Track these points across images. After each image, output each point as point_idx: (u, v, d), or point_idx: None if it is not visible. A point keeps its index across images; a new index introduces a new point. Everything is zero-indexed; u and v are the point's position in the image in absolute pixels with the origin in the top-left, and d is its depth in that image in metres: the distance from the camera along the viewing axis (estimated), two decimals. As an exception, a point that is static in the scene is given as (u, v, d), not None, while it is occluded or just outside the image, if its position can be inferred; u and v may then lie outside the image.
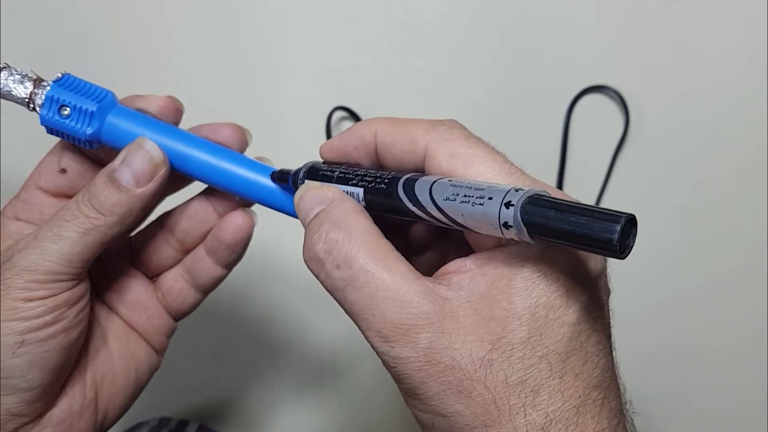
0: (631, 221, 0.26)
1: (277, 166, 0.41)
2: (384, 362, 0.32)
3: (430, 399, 0.31)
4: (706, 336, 0.70)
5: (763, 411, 0.70)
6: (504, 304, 0.30)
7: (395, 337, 0.30)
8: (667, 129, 0.68)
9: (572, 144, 0.68)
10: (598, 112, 0.68)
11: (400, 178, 0.33)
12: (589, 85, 0.67)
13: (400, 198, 0.33)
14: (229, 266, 0.44)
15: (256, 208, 0.43)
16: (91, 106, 0.38)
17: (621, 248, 0.26)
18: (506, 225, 0.28)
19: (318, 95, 0.67)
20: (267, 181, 0.40)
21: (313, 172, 0.37)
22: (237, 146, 0.42)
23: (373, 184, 0.34)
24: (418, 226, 0.40)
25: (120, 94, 0.41)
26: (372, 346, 0.32)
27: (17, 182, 0.43)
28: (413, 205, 0.32)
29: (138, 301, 0.44)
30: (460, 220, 0.30)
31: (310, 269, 0.34)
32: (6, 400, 0.37)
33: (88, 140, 0.39)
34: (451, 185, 0.30)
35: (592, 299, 0.31)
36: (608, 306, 0.34)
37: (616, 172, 0.68)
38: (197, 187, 0.43)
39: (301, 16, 0.66)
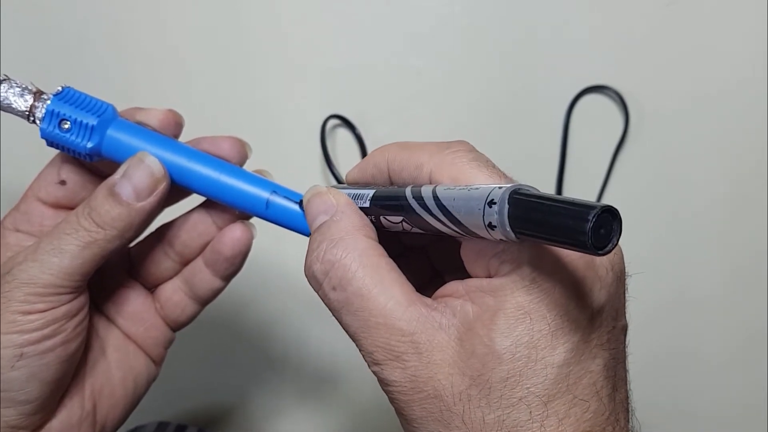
0: (609, 213, 0.23)
1: (273, 176, 0.42)
2: (377, 380, 0.32)
3: (413, 421, 0.31)
4: (705, 337, 0.70)
5: (764, 413, 0.70)
6: (485, 340, 0.29)
7: (385, 361, 0.31)
8: (667, 129, 0.68)
9: (572, 144, 0.68)
10: (598, 112, 0.68)
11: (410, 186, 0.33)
12: (589, 85, 0.67)
13: (405, 197, 0.32)
14: (227, 278, 0.44)
15: (255, 220, 0.43)
16: (92, 120, 0.38)
17: (597, 244, 0.23)
18: (491, 225, 0.27)
19: (317, 96, 0.66)
20: (265, 195, 0.40)
21: None
22: (236, 159, 0.42)
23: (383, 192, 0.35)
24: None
25: (118, 95, 0.41)
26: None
27: (17, 193, 0.43)
28: (416, 202, 0.32)
29: (136, 312, 0.44)
30: (459, 217, 0.29)
31: (310, 285, 0.34)
32: (5, 413, 0.37)
33: (88, 154, 0.39)
34: (449, 187, 0.30)
35: (586, 339, 0.30)
36: (620, 339, 0.33)
37: (616, 172, 0.68)
38: (196, 197, 0.43)
39: (300, 16, 0.66)
